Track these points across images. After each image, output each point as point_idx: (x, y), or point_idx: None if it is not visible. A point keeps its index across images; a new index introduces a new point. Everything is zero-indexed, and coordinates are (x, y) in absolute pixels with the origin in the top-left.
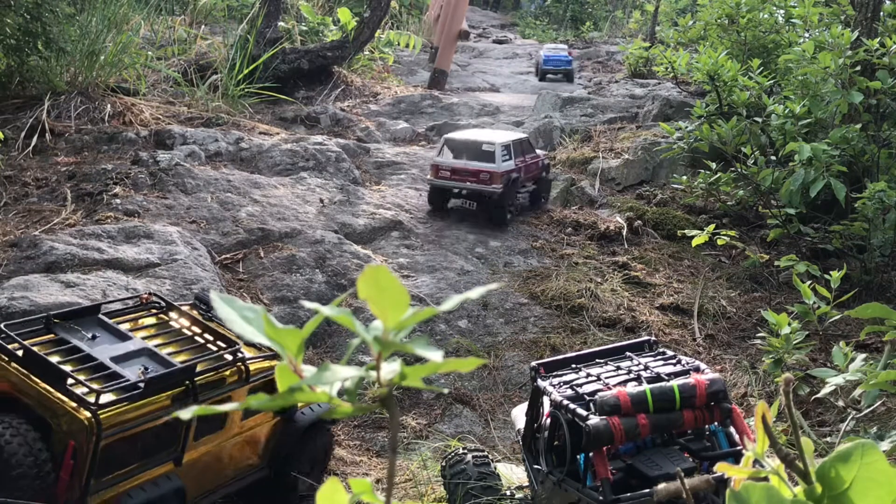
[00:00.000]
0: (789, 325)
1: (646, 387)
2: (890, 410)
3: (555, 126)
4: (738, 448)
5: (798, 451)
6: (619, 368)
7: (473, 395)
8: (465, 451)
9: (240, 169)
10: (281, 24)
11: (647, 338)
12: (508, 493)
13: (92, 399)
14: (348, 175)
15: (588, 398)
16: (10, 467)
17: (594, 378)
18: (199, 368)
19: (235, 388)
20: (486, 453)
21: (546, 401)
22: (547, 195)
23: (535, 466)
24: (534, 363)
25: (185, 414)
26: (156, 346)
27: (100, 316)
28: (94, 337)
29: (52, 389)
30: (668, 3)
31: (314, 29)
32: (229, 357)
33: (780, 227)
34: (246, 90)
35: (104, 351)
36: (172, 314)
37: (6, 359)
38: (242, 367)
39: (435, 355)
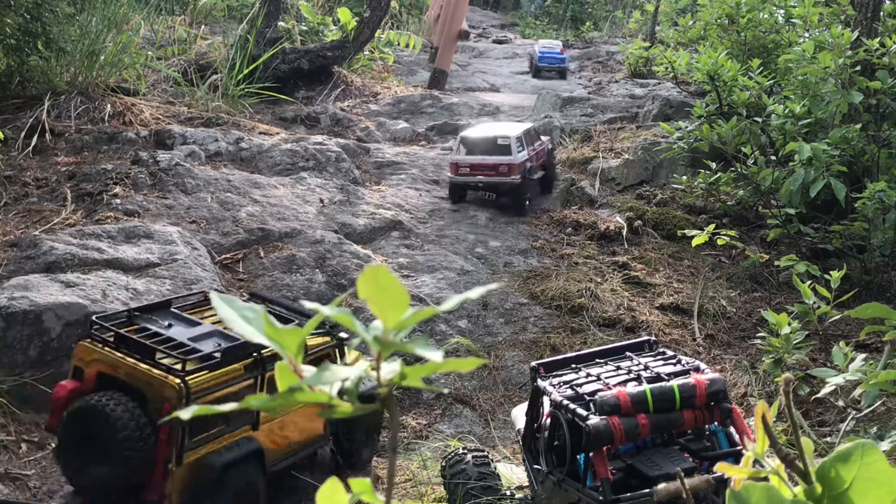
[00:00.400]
0: (789, 325)
1: (646, 387)
2: (890, 410)
3: (555, 126)
4: (738, 448)
5: (798, 451)
6: (619, 368)
7: (473, 395)
8: (465, 451)
9: (240, 169)
10: (281, 24)
11: (647, 338)
12: (508, 493)
13: (179, 367)
14: (348, 175)
15: (588, 398)
16: (116, 431)
17: (594, 378)
18: None
19: None
20: (486, 453)
21: (546, 401)
22: (553, 173)
23: (535, 466)
24: (534, 363)
25: (185, 414)
26: (224, 328)
27: (171, 309)
28: (169, 325)
29: (144, 364)
30: (668, 3)
31: (314, 29)
32: None
33: (780, 227)
34: (246, 90)
35: (181, 333)
36: None
37: (100, 345)
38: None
39: (435, 355)
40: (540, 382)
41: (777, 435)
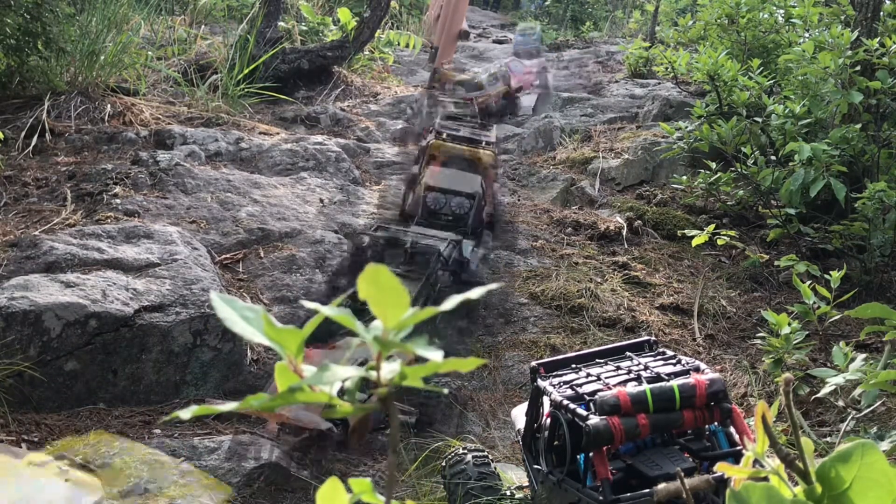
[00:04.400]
0: (789, 325)
1: (646, 387)
2: (890, 410)
3: (555, 126)
4: (738, 448)
5: (798, 451)
6: (619, 368)
7: (473, 395)
8: (465, 451)
9: (240, 169)
10: (281, 24)
11: (647, 338)
12: (508, 493)
13: (491, 146)
14: (348, 175)
15: (588, 398)
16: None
17: (594, 378)
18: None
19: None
20: (486, 453)
21: (546, 401)
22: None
23: (535, 466)
24: (534, 363)
25: (186, 414)
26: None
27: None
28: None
29: (473, 148)
30: (668, 3)
31: (314, 29)
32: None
33: (780, 227)
34: (246, 90)
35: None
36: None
37: (443, 141)
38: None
39: (435, 355)
40: (540, 382)
41: (777, 435)
